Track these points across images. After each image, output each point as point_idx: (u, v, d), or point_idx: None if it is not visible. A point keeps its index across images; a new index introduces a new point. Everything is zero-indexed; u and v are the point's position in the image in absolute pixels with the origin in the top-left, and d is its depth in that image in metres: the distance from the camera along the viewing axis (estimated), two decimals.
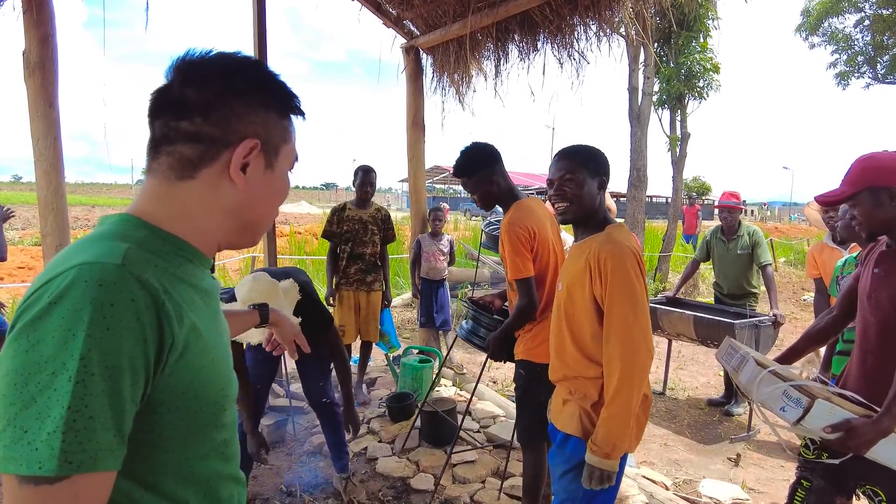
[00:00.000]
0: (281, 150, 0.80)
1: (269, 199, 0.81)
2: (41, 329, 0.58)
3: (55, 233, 3.51)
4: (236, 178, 0.75)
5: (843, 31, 19.68)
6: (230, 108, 0.74)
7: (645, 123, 9.37)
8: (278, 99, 0.80)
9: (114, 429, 0.60)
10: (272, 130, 0.78)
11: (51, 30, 3.38)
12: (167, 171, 0.74)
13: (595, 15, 3.51)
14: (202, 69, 0.74)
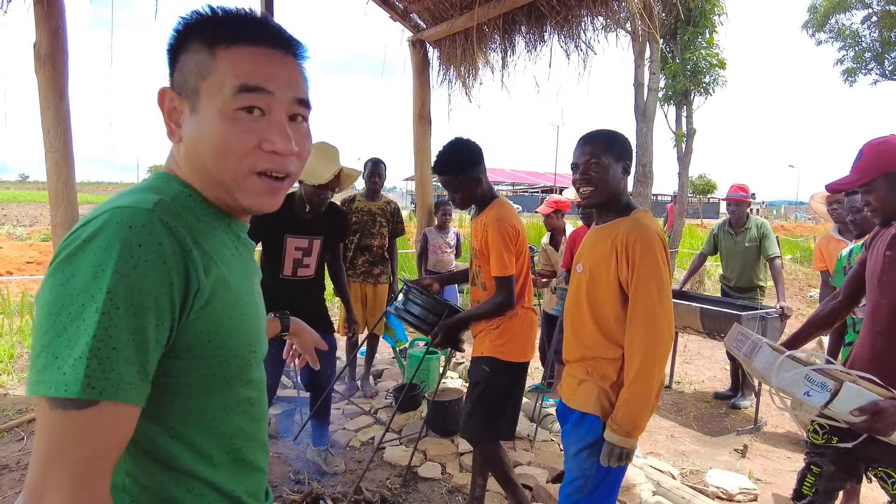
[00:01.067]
0: (202, 91, 0.71)
1: (203, 144, 0.71)
2: (75, 264, 0.60)
3: (66, 224, 3.54)
4: (166, 129, 0.75)
5: (850, 27, 19.57)
6: (171, 60, 0.75)
7: (650, 119, 9.34)
8: (195, 33, 0.73)
9: (137, 364, 0.61)
10: (188, 71, 0.72)
11: (61, 22, 3.41)
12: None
13: (602, 7, 3.51)
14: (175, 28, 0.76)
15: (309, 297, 2.91)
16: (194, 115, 0.72)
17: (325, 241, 2.88)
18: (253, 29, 0.73)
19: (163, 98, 0.74)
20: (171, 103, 0.74)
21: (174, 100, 0.74)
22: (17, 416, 3.64)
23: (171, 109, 0.74)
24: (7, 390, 4.14)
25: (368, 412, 3.81)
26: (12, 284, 6.94)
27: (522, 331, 2.37)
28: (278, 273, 2.78)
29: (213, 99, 0.71)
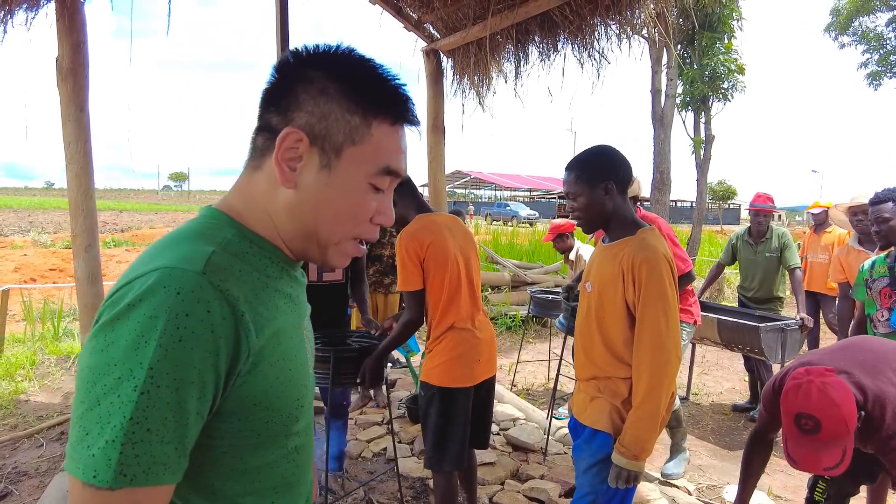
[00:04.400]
0: (345, 151, 0.68)
1: (327, 206, 0.69)
2: (117, 330, 0.57)
3: (84, 234, 3.60)
4: (277, 171, 0.68)
5: (874, 30, 19.20)
6: (294, 95, 0.69)
7: (668, 126, 9.26)
8: (351, 91, 0.68)
9: (174, 442, 0.57)
10: (332, 125, 0.68)
11: (82, 37, 3.48)
12: (248, 161, 0.73)
13: (616, 14, 3.49)
14: (292, 58, 0.71)
15: (337, 302, 2.92)
16: (325, 171, 0.68)
17: None
18: (411, 111, 0.72)
19: (287, 138, 0.67)
20: (296, 146, 0.68)
21: (301, 144, 0.68)
22: (37, 423, 3.71)
23: (292, 152, 0.68)
24: (28, 397, 4.22)
25: (381, 423, 3.81)
26: (35, 292, 7.09)
27: (451, 353, 2.17)
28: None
29: (358, 167, 0.69)
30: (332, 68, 0.69)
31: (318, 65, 0.69)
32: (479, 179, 49.76)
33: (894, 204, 2.77)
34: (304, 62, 0.70)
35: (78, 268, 3.61)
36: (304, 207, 0.69)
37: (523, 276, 7.95)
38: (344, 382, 2.46)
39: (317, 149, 0.68)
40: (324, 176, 0.68)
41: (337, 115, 0.68)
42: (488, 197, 55.44)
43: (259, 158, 0.71)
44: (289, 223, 0.70)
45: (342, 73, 0.69)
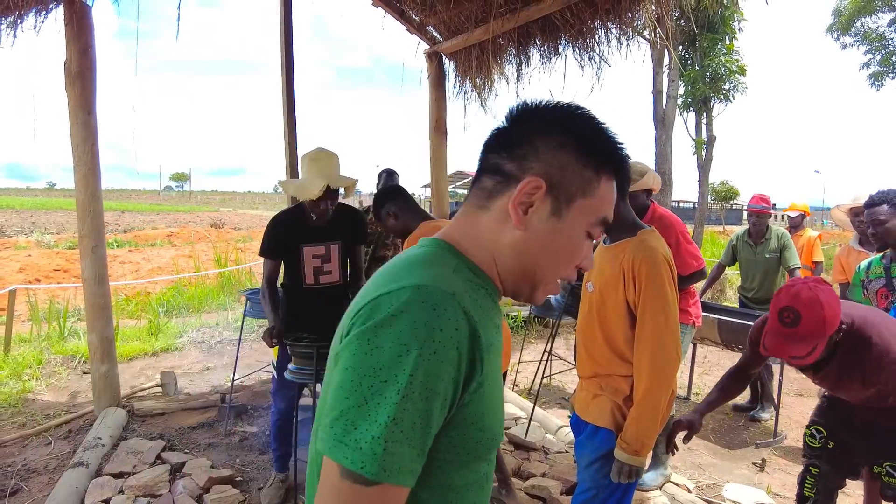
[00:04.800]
0: (575, 202, 0.74)
1: (551, 249, 0.75)
2: (381, 336, 0.62)
3: (91, 234, 3.65)
4: (512, 213, 0.73)
5: (876, 30, 19.22)
6: (532, 145, 0.74)
7: (670, 127, 9.30)
8: (587, 148, 0.75)
9: (418, 448, 0.62)
10: (568, 177, 0.74)
11: (90, 41, 3.53)
12: (473, 200, 0.78)
13: (616, 18, 3.53)
14: (526, 110, 0.77)
15: (337, 305, 2.87)
16: (554, 218, 0.74)
17: (343, 245, 2.86)
18: (628, 169, 0.81)
19: (527, 185, 0.73)
20: (534, 192, 0.73)
21: (539, 192, 0.73)
22: (44, 421, 3.75)
23: (528, 197, 0.73)
24: (35, 395, 4.27)
25: None
26: (40, 292, 7.15)
27: None
28: (301, 284, 2.81)
29: (582, 216, 0.75)
30: (570, 125, 0.75)
31: (556, 120, 0.75)
32: None
33: (889, 206, 2.80)
34: (541, 116, 0.76)
35: (85, 268, 3.66)
36: (530, 249, 0.75)
37: None
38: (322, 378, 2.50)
39: (551, 197, 0.74)
40: (553, 222, 0.74)
41: (573, 169, 0.74)
42: None
43: (486, 199, 0.76)
44: (511, 261, 0.76)
45: (579, 131, 0.75)
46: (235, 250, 10.60)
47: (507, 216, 0.74)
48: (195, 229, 19.93)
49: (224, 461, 3.21)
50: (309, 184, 2.58)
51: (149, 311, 6.65)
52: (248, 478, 3.07)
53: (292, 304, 2.87)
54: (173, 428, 3.64)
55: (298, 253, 2.76)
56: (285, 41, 4.37)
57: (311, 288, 2.82)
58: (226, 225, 23.09)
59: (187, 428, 3.65)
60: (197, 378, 4.79)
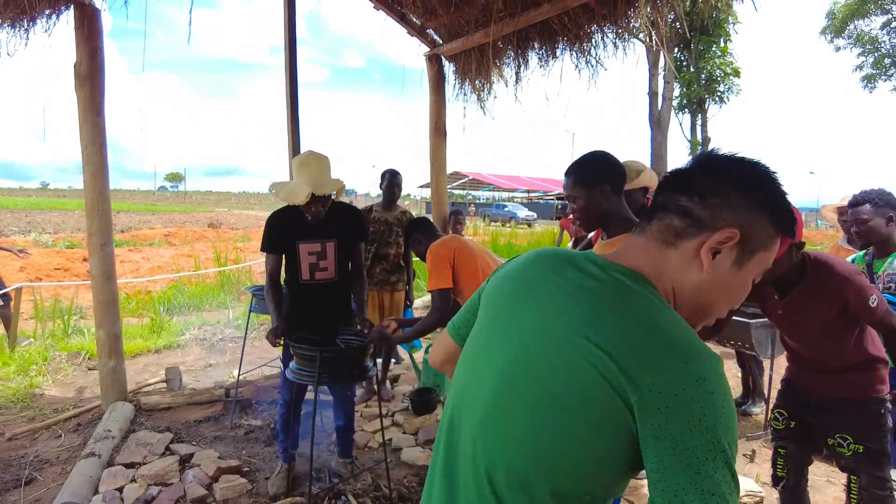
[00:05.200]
0: (756, 255, 0.83)
1: (727, 292, 0.85)
2: (718, 397, 0.69)
3: (100, 233, 3.73)
4: (704, 258, 0.81)
5: (869, 33, 19.45)
6: (727, 199, 0.81)
7: (665, 128, 9.42)
8: (776, 211, 0.83)
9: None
10: (756, 233, 0.81)
11: (99, 43, 3.62)
12: (656, 233, 0.85)
13: (612, 23, 3.64)
14: (718, 162, 0.85)
15: (332, 300, 2.98)
16: (736, 266, 0.82)
17: (340, 242, 2.92)
18: (793, 225, 0.87)
19: (724, 236, 0.80)
20: (726, 242, 0.80)
21: (731, 242, 0.80)
22: (53, 415, 3.83)
23: (720, 245, 0.81)
24: (43, 390, 4.35)
25: (386, 415, 3.95)
26: (43, 290, 7.21)
27: None
28: (298, 279, 2.90)
29: (757, 266, 0.84)
30: (769, 190, 0.83)
31: (756, 183, 0.83)
32: (477, 180, 49.91)
33: (871, 206, 2.92)
34: (740, 174, 0.83)
35: (94, 265, 3.75)
36: (711, 290, 0.84)
37: None
38: (323, 381, 2.60)
39: (738, 248, 0.81)
40: (734, 270, 0.83)
41: (763, 226, 0.82)
42: (486, 198, 55.59)
43: (675, 238, 0.83)
44: (691, 298, 0.84)
45: (774, 196, 0.83)
46: (235, 250, 10.67)
47: (695, 257, 0.82)
48: (192, 229, 19.96)
49: (231, 453, 3.30)
50: (297, 189, 2.68)
51: (150, 309, 6.73)
52: (255, 468, 3.16)
53: (293, 297, 2.97)
54: (179, 422, 3.73)
55: (295, 249, 2.86)
56: (289, 42, 4.46)
57: (307, 283, 2.91)
58: (223, 225, 23.11)
59: (193, 421, 3.74)
60: (200, 374, 4.88)
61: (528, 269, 0.92)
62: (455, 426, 0.90)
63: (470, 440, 0.85)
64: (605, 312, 0.77)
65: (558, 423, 0.74)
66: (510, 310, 0.88)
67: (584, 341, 0.75)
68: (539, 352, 0.79)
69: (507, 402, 0.81)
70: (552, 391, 0.75)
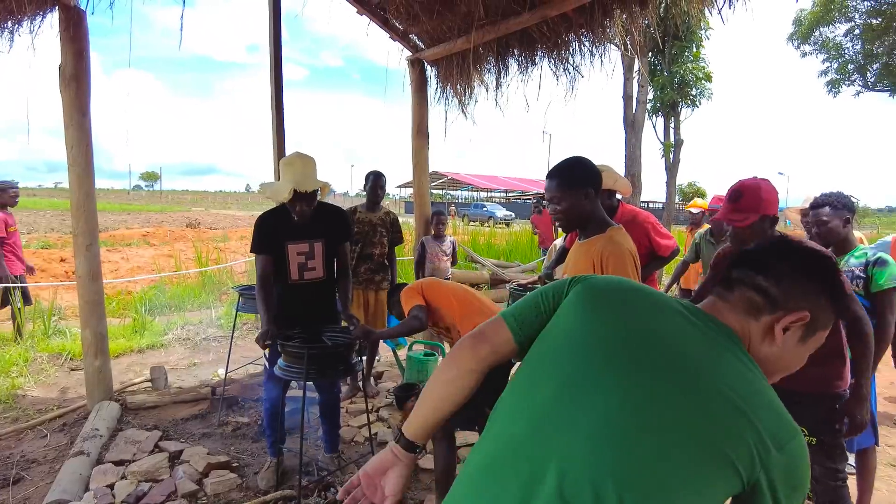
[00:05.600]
0: (818, 335, 0.96)
1: (788, 363, 0.98)
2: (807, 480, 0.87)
3: (85, 233, 3.76)
4: (777, 334, 0.94)
5: (833, 39, 20.11)
6: (800, 285, 0.95)
7: (639, 130, 9.67)
8: (835, 297, 0.97)
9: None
10: (821, 316, 0.95)
11: (85, 45, 3.64)
12: (738, 303, 0.97)
13: (589, 32, 3.79)
14: (788, 250, 0.99)
15: (321, 299, 3.07)
16: (801, 342, 0.96)
17: (327, 242, 3.01)
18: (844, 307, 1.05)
19: (797, 316, 0.93)
20: (798, 322, 0.93)
21: (801, 322, 0.93)
22: (37, 416, 3.84)
23: (792, 324, 0.94)
24: (25, 392, 4.34)
25: (371, 410, 4.04)
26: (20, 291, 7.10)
27: None
28: (287, 279, 2.97)
29: (814, 344, 0.98)
30: (832, 280, 0.97)
31: (823, 275, 0.96)
32: (455, 180, 50.07)
33: (831, 208, 3.11)
34: (810, 265, 0.97)
35: (79, 266, 3.77)
36: (777, 361, 0.97)
37: (502, 275, 8.24)
38: (311, 377, 2.72)
39: (806, 327, 0.95)
40: (800, 345, 0.97)
41: (825, 311, 0.95)
42: (465, 198, 55.78)
43: (757, 312, 0.96)
44: (762, 363, 0.95)
45: (834, 283, 0.97)
46: (216, 250, 10.62)
47: (769, 330, 0.95)
48: (171, 229, 19.71)
49: (219, 449, 3.36)
50: (281, 187, 2.80)
51: (131, 309, 6.70)
52: (244, 463, 3.23)
53: (281, 296, 3.05)
54: (166, 420, 3.77)
55: (284, 250, 2.93)
56: (274, 43, 4.52)
57: (296, 283, 2.99)
58: (201, 225, 22.84)
59: (180, 419, 3.79)
60: (184, 373, 4.91)
61: (632, 295, 1.00)
62: (541, 437, 0.87)
63: (581, 456, 0.82)
64: (729, 368, 0.88)
65: (681, 454, 0.80)
66: (626, 334, 0.93)
67: (726, 391, 0.84)
68: (680, 389, 0.85)
69: (641, 429, 0.82)
70: (687, 427, 0.82)
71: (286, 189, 2.75)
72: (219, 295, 7.90)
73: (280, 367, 2.73)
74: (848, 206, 3.22)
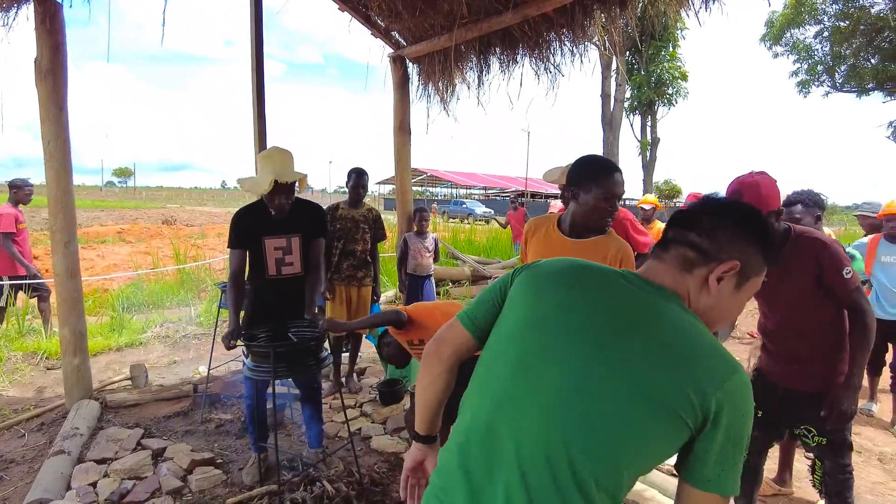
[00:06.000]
0: (750, 281, 1.02)
1: (727, 311, 1.03)
2: (751, 408, 0.94)
3: (63, 230, 3.71)
4: (711, 284, 1.00)
5: (804, 41, 20.60)
6: (729, 235, 1.01)
7: (617, 128, 9.82)
8: (765, 244, 1.02)
9: None
10: (752, 263, 1.01)
11: (61, 38, 3.58)
12: (673, 261, 1.03)
13: (569, 32, 3.86)
14: (719, 206, 1.05)
15: (298, 294, 3.04)
16: (736, 290, 1.02)
17: (303, 237, 3.02)
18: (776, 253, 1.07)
19: (728, 266, 0.99)
20: (730, 271, 0.99)
21: (733, 271, 0.99)
22: (14, 415, 3.78)
23: (724, 274, 0.99)
24: (0, 392, 4.25)
25: (354, 406, 4.07)
26: None
27: None
28: (264, 275, 2.97)
29: (749, 291, 1.03)
30: (761, 228, 1.02)
31: (754, 224, 1.02)
32: (435, 177, 50.04)
33: (802, 206, 3.23)
34: (741, 217, 1.03)
35: (57, 263, 3.71)
36: (716, 310, 1.02)
37: (482, 271, 8.31)
38: (281, 375, 2.69)
39: (738, 275, 1.01)
40: (735, 293, 1.02)
41: (756, 258, 1.02)
42: (444, 195, 55.79)
43: (691, 267, 1.02)
44: (702, 316, 1.01)
45: (762, 234, 1.02)
46: (193, 247, 10.48)
47: (704, 283, 1.01)
48: (147, 226, 19.35)
49: (203, 446, 3.35)
50: (261, 179, 2.81)
51: (108, 307, 6.60)
52: (228, 460, 3.23)
53: (258, 292, 3.05)
54: (148, 418, 3.75)
55: (261, 245, 2.94)
56: (255, 39, 4.50)
57: (273, 279, 2.99)
58: (177, 221, 22.47)
59: (162, 417, 3.76)
60: (165, 371, 4.86)
61: (576, 274, 1.05)
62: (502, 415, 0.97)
63: (535, 427, 0.92)
64: (666, 324, 0.95)
65: (638, 417, 0.88)
66: (569, 310, 0.99)
67: (665, 348, 0.91)
68: (620, 354, 0.92)
69: (587, 396, 0.91)
70: (638, 390, 0.89)
71: (266, 181, 2.76)
72: (198, 292, 7.82)
73: (249, 368, 2.73)
74: (818, 204, 3.35)
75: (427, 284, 5.21)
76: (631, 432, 0.88)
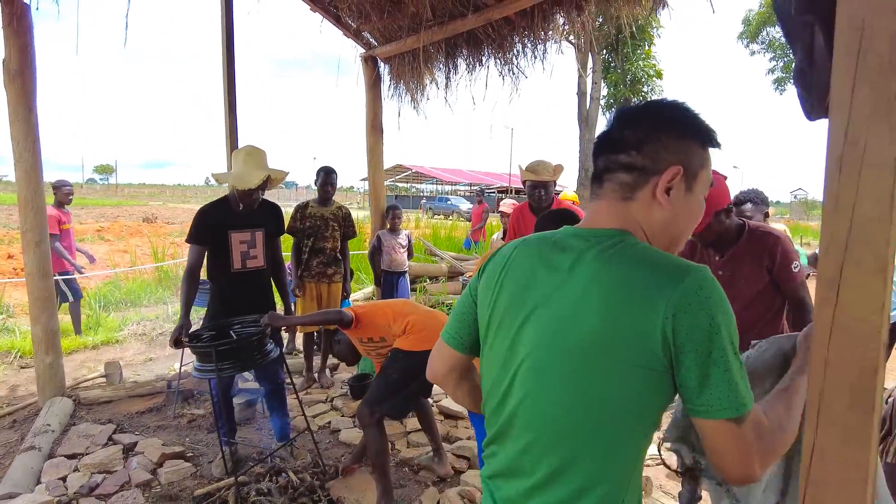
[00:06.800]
0: (699, 176, 0.93)
1: (688, 217, 0.94)
2: (724, 308, 0.82)
3: (35, 229, 3.75)
4: (661, 199, 0.91)
5: (779, 39, 20.95)
6: (659, 142, 0.91)
7: (593, 126, 9.97)
8: (697, 132, 0.93)
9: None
10: (692, 159, 0.92)
11: (30, 39, 3.62)
12: (611, 193, 0.95)
13: (530, 34, 3.97)
14: (636, 114, 0.95)
15: (261, 287, 3.20)
16: (688, 193, 0.93)
17: (266, 232, 3.17)
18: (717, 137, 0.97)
19: (671, 174, 0.90)
20: (674, 178, 0.90)
21: (678, 177, 0.90)
22: None
23: (671, 184, 0.90)
24: None
25: (325, 400, 4.16)
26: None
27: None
28: (229, 268, 3.06)
29: (703, 185, 0.95)
30: (683, 118, 0.94)
31: (672, 118, 0.93)
32: (420, 174, 50.05)
33: (752, 204, 3.39)
34: (657, 117, 0.94)
35: (29, 262, 3.76)
36: (675, 222, 0.94)
37: (459, 268, 8.42)
38: (227, 371, 2.70)
39: (684, 177, 0.92)
40: (687, 196, 0.93)
41: (694, 150, 0.93)
42: (430, 191, 55.79)
43: (630, 191, 0.93)
44: (662, 235, 0.94)
45: (689, 121, 0.94)
46: (172, 245, 10.47)
47: (653, 201, 0.92)
48: (126, 224, 19.18)
49: (174, 440, 3.43)
50: (248, 174, 2.94)
51: (85, 305, 6.61)
52: (199, 453, 3.31)
53: (222, 289, 3.14)
54: (121, 414, 3.81)
55: (227, 239, 3.04)
56: (227, 38, 4.55)
57: (238, 272, 3.10)
58: (158, 219, 22.29)
59: (135, 413, 3.83)
60: (140, 368, 4.92)
61: (530, 253, 0.98)
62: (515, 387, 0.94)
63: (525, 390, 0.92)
64: (614, 268, 0.86)
65: (608, 365, 0.84)
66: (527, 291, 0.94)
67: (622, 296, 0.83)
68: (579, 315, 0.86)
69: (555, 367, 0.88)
70: (602, 343, 0.84)
71: (258, 176, 2.92)
72: (175, 290, 7.84)
73: (196, 369, 2.76)
74: (765, 202, 3.52)
75: (402, 281, 5.31)
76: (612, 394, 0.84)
